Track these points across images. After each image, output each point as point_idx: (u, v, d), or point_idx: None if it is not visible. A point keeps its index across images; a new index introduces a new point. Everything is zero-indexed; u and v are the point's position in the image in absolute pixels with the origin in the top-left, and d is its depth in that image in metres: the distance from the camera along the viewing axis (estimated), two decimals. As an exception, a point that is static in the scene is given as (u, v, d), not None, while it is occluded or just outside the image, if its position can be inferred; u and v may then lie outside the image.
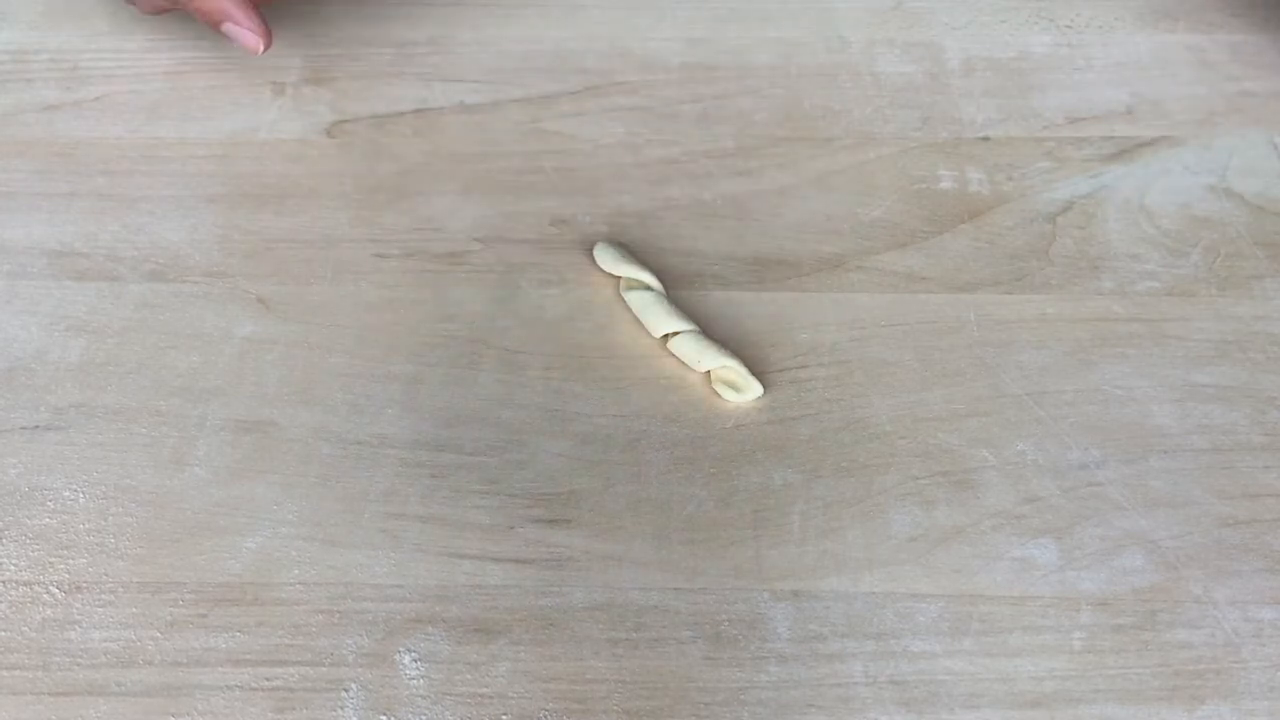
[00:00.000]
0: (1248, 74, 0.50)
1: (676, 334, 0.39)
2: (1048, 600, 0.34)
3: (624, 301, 0.41)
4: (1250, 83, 0.49)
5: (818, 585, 0.34)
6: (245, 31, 0.46)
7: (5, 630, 0.33)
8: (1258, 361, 0.39)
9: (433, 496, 0.36)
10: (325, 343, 0.40)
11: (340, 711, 0.32)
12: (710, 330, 0.40)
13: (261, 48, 0.46)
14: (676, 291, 0.41)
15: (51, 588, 0.34)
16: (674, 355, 0.39)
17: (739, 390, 0.38)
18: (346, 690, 0.32)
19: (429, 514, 0.36)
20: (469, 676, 0.32)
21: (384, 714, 0.32)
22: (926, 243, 0.43)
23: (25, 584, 0.34)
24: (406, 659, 0.33)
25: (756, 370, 0.39)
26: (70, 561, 0.34)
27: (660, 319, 0.40)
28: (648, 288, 0.41)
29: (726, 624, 0.33)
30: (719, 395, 0.38)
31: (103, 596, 0.34)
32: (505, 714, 0.32)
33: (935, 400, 0.38)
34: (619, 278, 0.42)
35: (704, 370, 0.39)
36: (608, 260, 0.42)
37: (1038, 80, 0.50)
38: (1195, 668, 0.32)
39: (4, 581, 0.34)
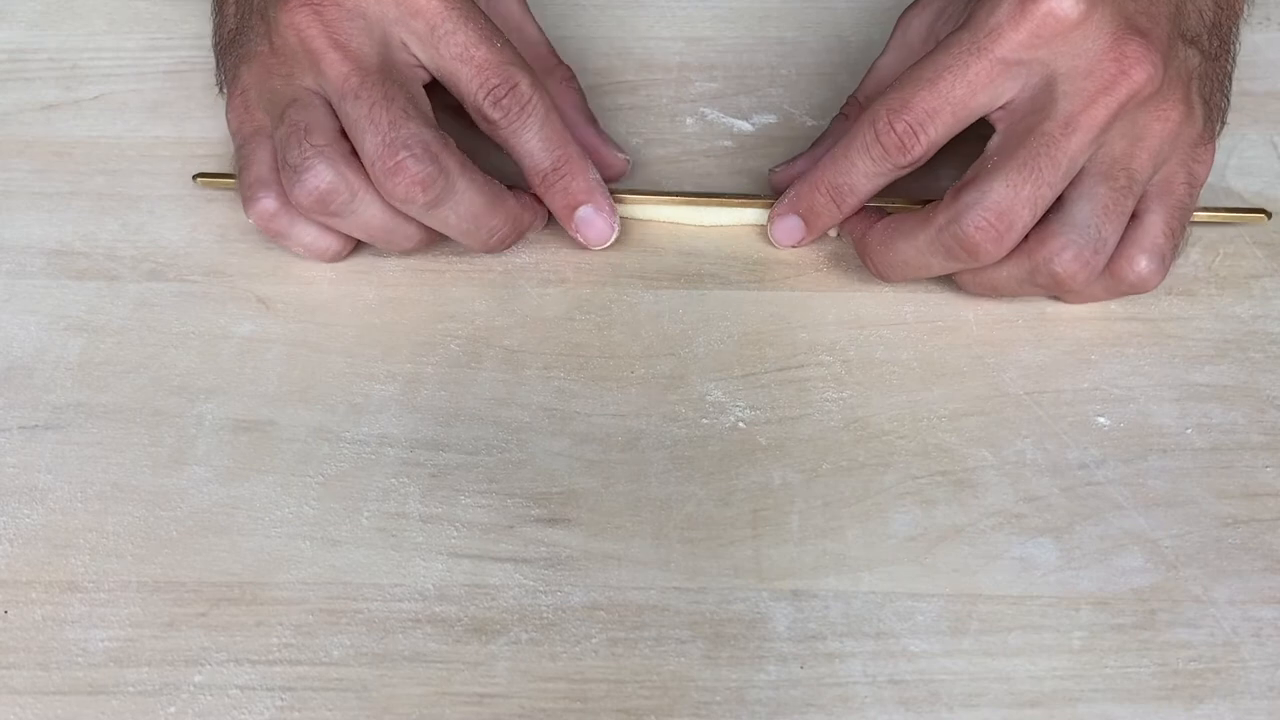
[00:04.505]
0: (1248, 74, 0.50)
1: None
2: (1047, 600, 0.34)
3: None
4: (1250, 83, 0.49)
5: (817, 585, 0.34)
6: (602, 219, 0.40)
7: (4, 630, 0.33)
8: (1257, 361, 0.39)
9: (432, 496, 0.36)
10: (325, 343, 0.40)
11: (339, 711, 0.32)
12: (710, 330, 0.40)
13: (612, 239, 0.41)
14: (677, 291, 0.41)
15: (51, 587, 0.34)
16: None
17: None
18: (346, 690, 0.32)
19: (429, 514, 0.36)
20: (468, 676, 0.32)
21: (384, 713, 0.32)
22: (926, 242, 0.43)
23: (24, 583, 0.34)
24: (406, 658, 0.33)
25: (756, 369, 0.39)
26: (69, 561, 0.34)
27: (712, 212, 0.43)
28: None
29: (726, 623, 0.33)
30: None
31: (102, 596, 0.34)
32: (504, 714, 0.32)
33: (935, 400, 0.38)
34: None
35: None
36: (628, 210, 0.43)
37: (1037, 80, 0.50)
38: (1194, 667, 0.32)
39: (3, 581, 0.34)
